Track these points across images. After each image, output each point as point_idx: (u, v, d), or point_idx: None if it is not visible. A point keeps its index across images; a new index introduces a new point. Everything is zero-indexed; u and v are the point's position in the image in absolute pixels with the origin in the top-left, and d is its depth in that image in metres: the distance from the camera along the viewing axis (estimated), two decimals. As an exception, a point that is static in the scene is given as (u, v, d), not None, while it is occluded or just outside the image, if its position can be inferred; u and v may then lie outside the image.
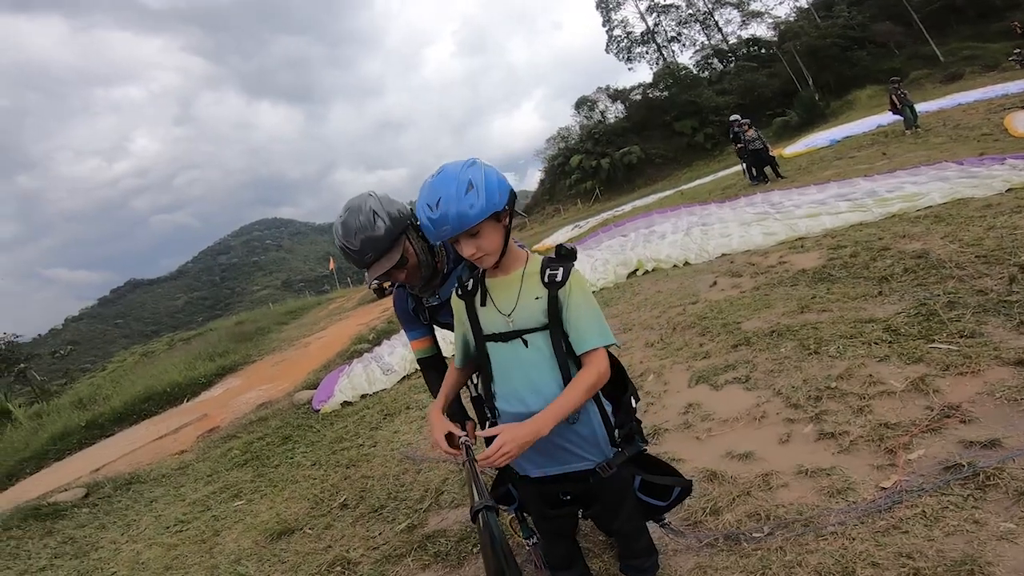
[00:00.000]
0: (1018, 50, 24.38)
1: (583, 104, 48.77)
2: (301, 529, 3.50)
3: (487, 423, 1.75)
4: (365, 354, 9.22)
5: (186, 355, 15.80)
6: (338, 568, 2.86)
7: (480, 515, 1.21)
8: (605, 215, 21.38)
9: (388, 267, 1.69)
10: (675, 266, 7.49)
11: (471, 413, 1.98)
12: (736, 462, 2.51)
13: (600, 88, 49.73)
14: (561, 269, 1.47)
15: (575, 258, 1.52)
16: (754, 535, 1.96)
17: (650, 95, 46.57)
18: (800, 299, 4.36)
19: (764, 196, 10.04)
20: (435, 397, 1.81)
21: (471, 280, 1.58)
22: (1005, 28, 29.01)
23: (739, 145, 13.58)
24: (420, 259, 1.76)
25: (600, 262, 9.22)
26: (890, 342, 3.09)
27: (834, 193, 8.00)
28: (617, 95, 48.36)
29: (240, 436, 6.51)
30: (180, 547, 3.92)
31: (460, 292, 1.59)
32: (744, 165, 14.11)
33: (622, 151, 42.34)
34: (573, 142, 47.00)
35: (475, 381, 1.89)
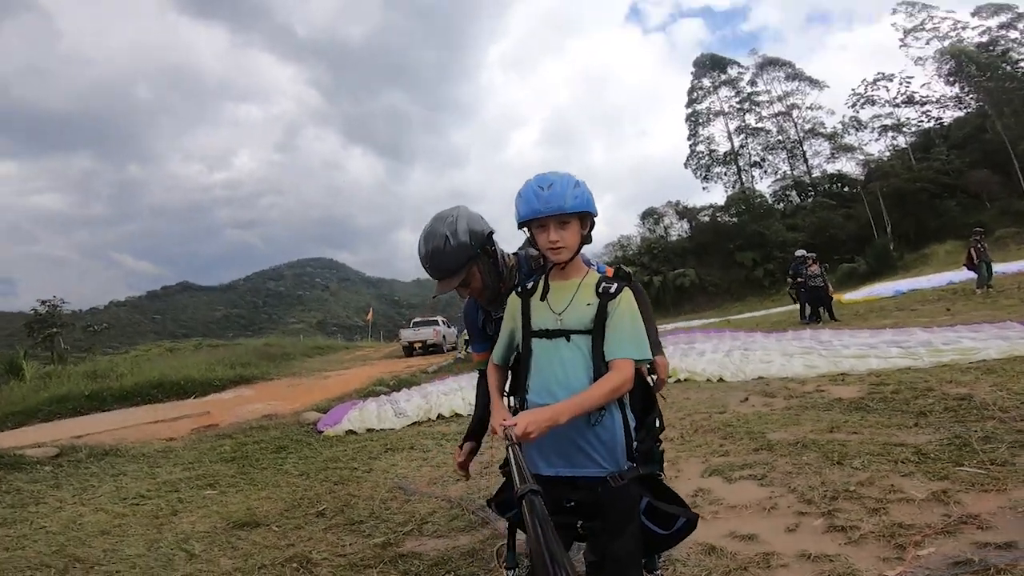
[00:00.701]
0: None
1: (649, 215, 47.44)
2: (268, 525, 3.40)
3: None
4: (382, 395, 9.21)
5: (209, 357, 16.10)
6: (294, 565, 2.75)
7: (526, 498, 1.22)
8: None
9: (451, 287, 1.79)
10: (709, 380, 7.30)
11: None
12: (738, 542, 2.36)
13: (670, 202, 48.13)
14: (615, 285, 1.59)
15: (630, 280, 1.64)
16: (744, 606, 1.81)
17: (719, 219, 45.11)
18: (832, 421, 4.18)
19: (813, 333, 9.83)
20: (479, 402, 2.07)
21: (532, 282, 1.70)
22: None
23: (798, 280, 13.26)
24: (485, 282, 1.82)
25: (632, 365, 9.10)
26: (917, 462, 2.94)
27: (887, 339, 7.77)
28: (685, 212, 46.71)
29: (235, 437, 6.49)
30: (128, 518, 3.82)
31: (520, 291, 1.71)
32: (799, 303, 13.86)
33: (676, 272, 41.56)
34: (631, 252, 46.07)
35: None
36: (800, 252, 14.34)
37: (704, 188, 60.41)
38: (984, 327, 7.42)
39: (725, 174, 49.75)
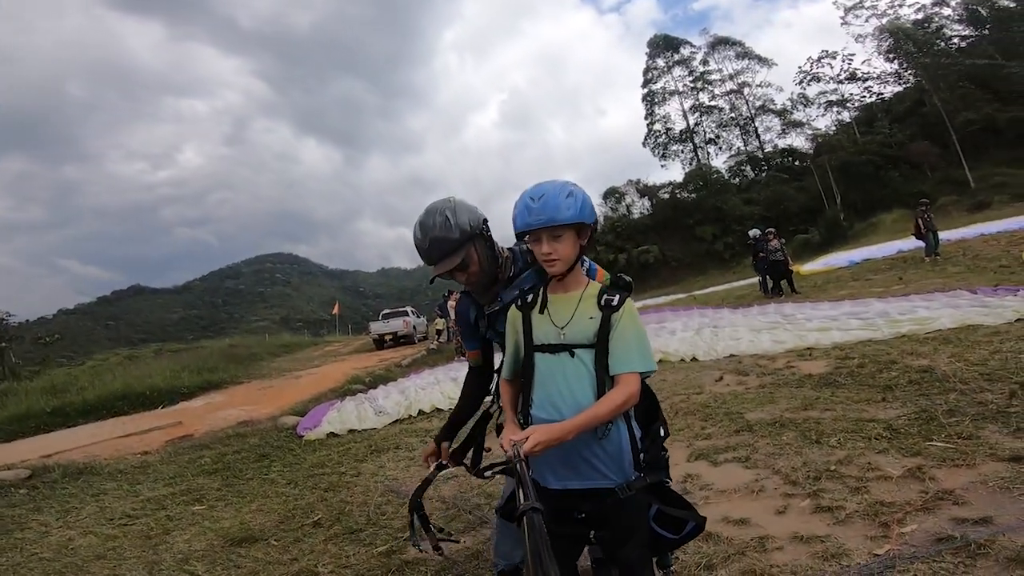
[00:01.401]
0: None
1: (611, 195, 48.42)
2: (266, 539, 3.37)
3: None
4: (359, 394, 9.13)
5: (173, 363, 15.58)
6: (301, 580, 2.76)
7: (527, 516, 1.23)
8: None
9: (449, 267, 1.81)
10: (682, 360, 7.49)
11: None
12: (732, 526, 2.47)
13: (630, 181, 49.22)
14: (618, 296, 1.59)
15: (631, 290, 1.66)
16: (746, 591, 1.92)
17: (678, 195, 46.51)
18: (805, 398, 4.38)
19: (777, 307, 10.19)
20: (463, 399, 2.09)
21: (532, 294, 1.69)
22: None
23: (760, 255, 13.74)
24: (482, 266, 1.85)
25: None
26: (890, 438, 3.12)
27: (847, 311, 8.13)
28: (646, 190, 47.91)
29: (213, 447, 6.35)
30: (120, 539, 3.76)
31: (520, 304, 1.70)
32: (760, 277, 14.34)
33: (640, 248, 42.52)
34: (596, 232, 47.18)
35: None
36: (755, 231, 14.79)
37: (663, 166, 61.90)
38: (936, 296, 7.83)
39: (682, 151, 51.32)
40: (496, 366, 1.99)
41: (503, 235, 1.94)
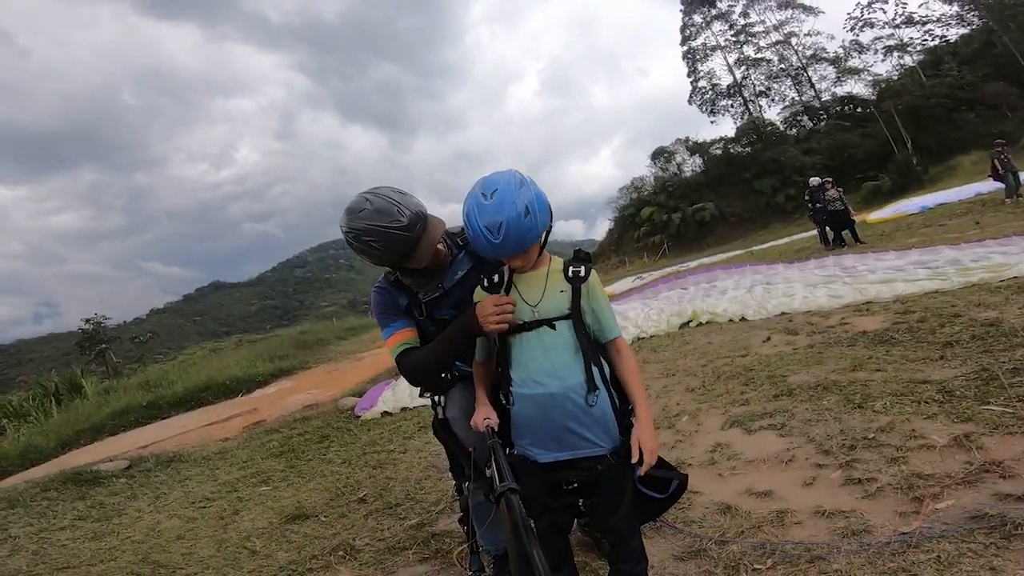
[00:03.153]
0: None
1: (660, 155, 46.90)
2: (316, 516, 3.61)
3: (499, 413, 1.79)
4: (413, 371, 9.43)
5: (250, 353, 16.65)
6: (340, 553, 2.93)
7: (504, 498, 1.26)
8: (668, 270, 21.05)
9: (422, 263, 1.77)
10: (731, 320, 7.23)
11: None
12: (753, 499, 2.41)
13: (679, 140, 47.45)
14: (583, 267, 1.62)
15: (591, 260, 1.67)
16: (755, 566, 1.88)
17: (731, 150, 44.53)
18: (855, 358, 4.13)
19: (836, 259, 9.64)
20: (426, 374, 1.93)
21: (497, 275, 1.69)
22: None
23: (818, 206, 12.90)
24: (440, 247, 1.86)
25: (655, 311, 9.06)
26: (941, 402, 2.90)
27: (914, 260, 7.57)
28: (696, 148, 46.11)
29: (282, 431, 6.79)
30: (198, 520, 4.12)
31: (486, 285, 1.70)
32: (819, 229, 13.54)
33: (695, 207, 41.08)
34: (646, 193, 45.45)
35: (441, 404, 2.07)
36: (815, 180, 13.88)
37: (712, 122, 59.32)
38: (1014, 240, 7.17)
39: (732, 106, 49.25)
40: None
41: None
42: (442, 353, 1.79)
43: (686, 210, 41.36)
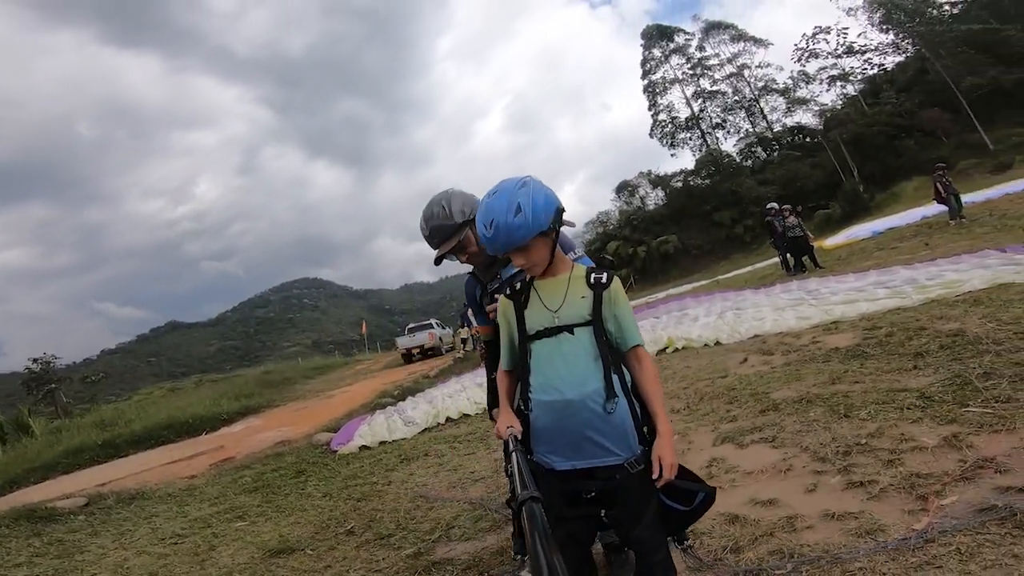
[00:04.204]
0: None
1: (624, 189, 48.58)
2: (302, 549, 3.44)
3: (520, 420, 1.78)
4: (388, 407, 9.22)
5: (213, 392, 16.02)
6: (335, 586, 2.80)
7: (526, 506, 1.25)
8: (638, 302, 21.41)
9: (448, 249, 2.06)
10: (706, 345, 7.38)
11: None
12: (759, 508, 2.42)
13: (642, 173, 49.44)
14: (605, 274, 1.63)
15: (615, 268, 1.71)
16: (777, 571, 1.88)
17: (691, 182, 46.34)
18: (832, 373, 4.26)
19: (800, 284, 9.97)
20: (491, 370, 2.18)
21: (520, 283, 1.71)
22: None
23: (778, 231, 13.27)
24: (480, 247, 2.07)
25: (630, 340, 9.17)
26: (923, 407, 3.00)
27: (873, 281, 7.90)
28: (658, 181, 48.11)
29: (254, 467, 6.50)
30: (171, 557, 3.87)
31: (509, 293, 1.72)
32: (780, 256, 14.03)
33: (659, 240, 42.23)
34: (611, 227, 46.73)
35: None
36: (771, 205, 14.44)
37: (672, 155, 61.57)
38: (964, 258, 7.57)
39: (690, 139, 51.34)
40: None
41: None
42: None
43: (651, 243, 42.45)
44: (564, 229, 1.71)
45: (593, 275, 1.63)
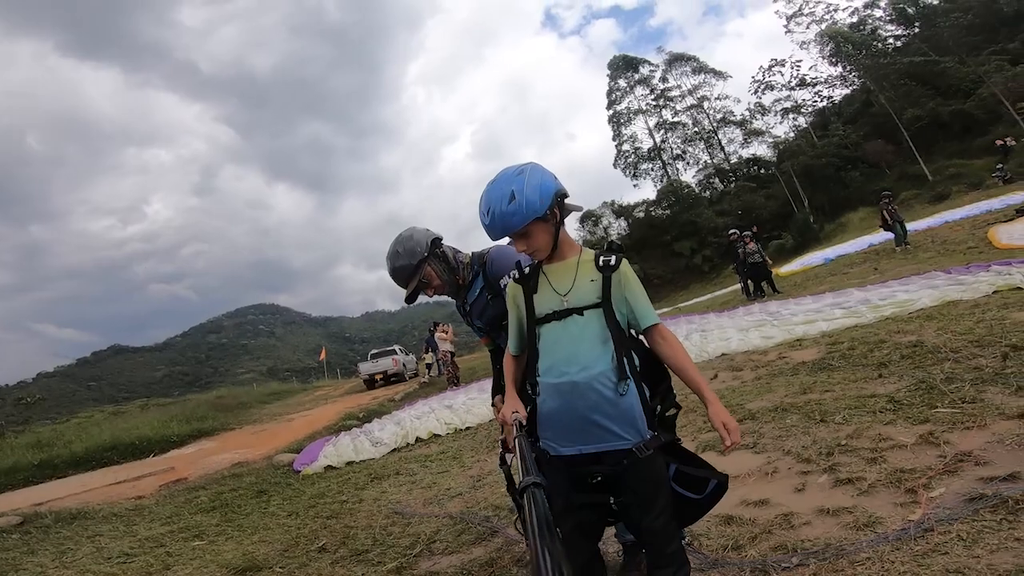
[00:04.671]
0: (1000, 166, 25.85)
1: (588, 219, 49.12)
2: (270, 567, 3.25)
3: (527, 406, 1.72)
4: (354, 429, 8.94)
5: (161, 415, 15.17)
6: (312, 604, 2.65)
7: (528, 492, 1.21)
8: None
9: (412, 288, 2.21)
10: (674, 365, 7.49)
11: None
12: (752, 508, 2.43)
13: (606, 203, 50.24)
14: (613, 257, 1.62)
15: (624, 252, 1.68)
16: (783, 565, 1.87)
17: (652, 213, 47.46)
18: (802, 384, 4.37)
19: (762, 306, 10.28)
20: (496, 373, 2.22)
21: (528, 267, 1.69)
22: (987, 144, 30.29)
23: (739, 258, 13.73)
24: (442, 279, 2.22)
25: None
26: (894, 410, 3.12)
27: (829, 302, 8.21)
28: (621, 211, 49.11)
29: (209, 488, 6.16)
30: None
31: (517, 277, 1.70)
32: (742, 282, 14.47)
33: (623, 270, 43.08)
34: None
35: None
36: (732, 231, 14.98)
37: (635, 185, 63.03)
38: (913, 279, 7.98)
39: (652, 170, 52.56)
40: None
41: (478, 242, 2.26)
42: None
43: (612, 272, 43.06)
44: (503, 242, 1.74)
45: (602, 258, 1.62)
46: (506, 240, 1.66)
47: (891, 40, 43.02)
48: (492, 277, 2.15)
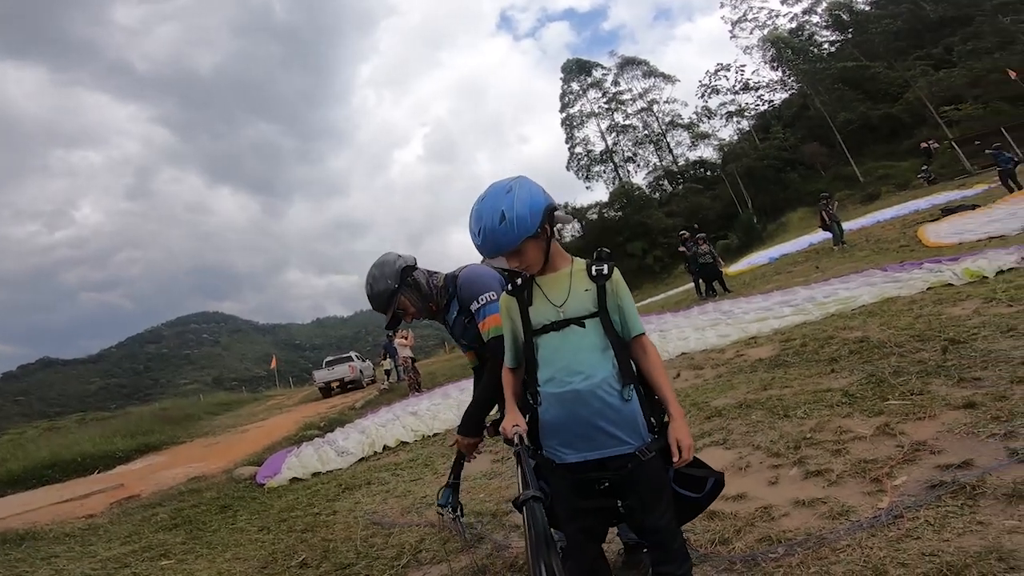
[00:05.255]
0: (925, 168, 27.86)
1: (542, 222, 50.31)
2: (252, 587, 3.18)
3: (527, 415, 1.74)
4: (316, 439, 8.74)
5: (102, 430, 14.35)
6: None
7: (527, 505, 1.24)
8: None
9: (390, 316, 2.28)
10: (636, 365, 7.70)
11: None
12: (731, 503, 2.55)
13: (559, 206, 51.74)
14: (606, 266, 1.66)
15: (614, 260, 1.72)
16: (771, 555, 1.99)
17: (605, 214, 48.63)
18: (761, 380, 4.61)
19: (715, 306, 10.68)
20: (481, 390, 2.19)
21: (520, 278, 1.71)
22: (913, 146, 32.85)
23: (689, 257, 14.23)
24: (416, 306, 2.28)
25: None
26: (850, 403, 3.35)
27: (778, 300, 8.64)
28: (575, 213, 49.63)
29: (167, 504, 5.92)
30: None
31: (511, 290, 1.71)
32: (694, 281, 14.97)
33: (577, 272, 43.75)
34: None
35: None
36: (683, 232, 15.49)
37: (587, 187, 64.24)
38: (852, 277, 8.50)
39: (604, 172, 53.97)
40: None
41: (436, 263, 2.22)
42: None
43: (567, 275, 43.71)
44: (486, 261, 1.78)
45: (594, 267, 1.65)
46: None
47: (826, 45, 45.93)
48: (463, 302, 2.19)
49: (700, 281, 14.30)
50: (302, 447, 7.98)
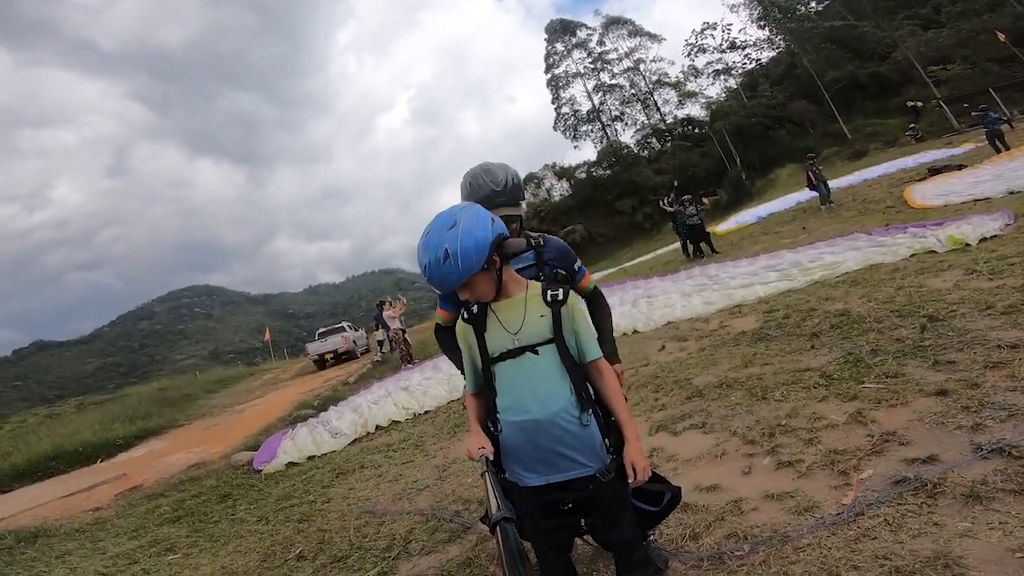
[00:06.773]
0: (913, 126, 27.89)
1: (530, 181, 49.48)
2: (253, 581, 3.30)
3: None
4: (310, 419, 8.86)
5: (101, 416, 14.50)
6: (301, 617, 2.72)
7: (499, 526, 1.28)
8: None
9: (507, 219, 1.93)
10: (624, 334, 7.78)
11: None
12: (705, 494, 2.65)
13: (547, 165, 50.83)
14: (561, 290, 1.66)
15: (570, 283, 1.74)
16: (736, 553, 2.09)
17: (594, 173, 48.37)
18: (743, 356, 4.69)
19: (702, 269, 10.74)
20: (450, 355, 2.07)
21: (475, 306, 1.70)
22: (901, 104, 32.77)
23: (678, 219, 14.29)
24: (514, 228, 1.99)
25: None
26: (826, 385, 3.42)
27: (764, 265, 8.72)
28: (563, 173, 49.93)
29: (169, 495, 6.06)
30: None
31: (466, 317, 1.71)
32: (681, 242, 15.01)
33: (566, 229, 43.67)
34: None
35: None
36: (676, 183, 15.44)
37: (575, 147, 63.71)
38: (837, 241, 8.56)
39: (591, 131, 53.57)
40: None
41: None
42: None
43: (558, 233, 43.67)
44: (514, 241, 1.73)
45: (549, 292, 1.66)
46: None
47: (814, 4, 45.30)
48: (556, 260, 1.98)
49: (687, 243, 14.33)
50: (297, 428, 8.09)
